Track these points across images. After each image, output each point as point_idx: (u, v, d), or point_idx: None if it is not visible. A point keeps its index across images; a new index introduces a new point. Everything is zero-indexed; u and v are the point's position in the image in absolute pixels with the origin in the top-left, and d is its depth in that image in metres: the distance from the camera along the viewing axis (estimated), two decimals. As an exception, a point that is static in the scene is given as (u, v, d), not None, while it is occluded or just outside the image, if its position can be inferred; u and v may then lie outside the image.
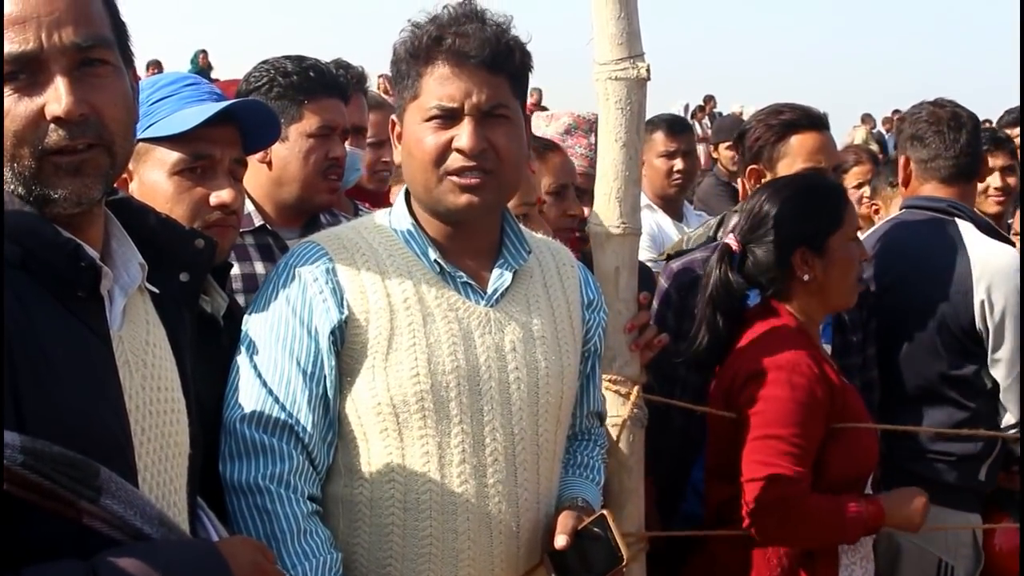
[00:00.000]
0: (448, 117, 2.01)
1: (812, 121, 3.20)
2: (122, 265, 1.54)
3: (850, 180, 5.09)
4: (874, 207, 4.08)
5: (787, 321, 2.74)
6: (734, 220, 3.14)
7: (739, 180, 3.57)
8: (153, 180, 2.09)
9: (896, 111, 21.64)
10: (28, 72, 1.40)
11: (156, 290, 1.60)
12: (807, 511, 2.56)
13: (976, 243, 3.28)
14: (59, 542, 1.35)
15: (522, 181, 2.22)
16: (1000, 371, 3.24)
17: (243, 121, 2.12)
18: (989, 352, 3.24)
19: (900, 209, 3.56)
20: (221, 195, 2.08)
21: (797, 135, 3.18)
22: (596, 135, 3.90)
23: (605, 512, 2.08)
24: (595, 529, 2.05)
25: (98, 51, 1.44)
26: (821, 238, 2.72)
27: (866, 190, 4.71)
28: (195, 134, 2.07)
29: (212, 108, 2.08)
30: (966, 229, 3.31)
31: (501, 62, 2.00)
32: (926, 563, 3.20)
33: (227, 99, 2.19)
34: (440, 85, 2.01)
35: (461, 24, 2.02)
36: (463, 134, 2.00)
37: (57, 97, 1.39)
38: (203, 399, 1.71)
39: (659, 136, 4.97)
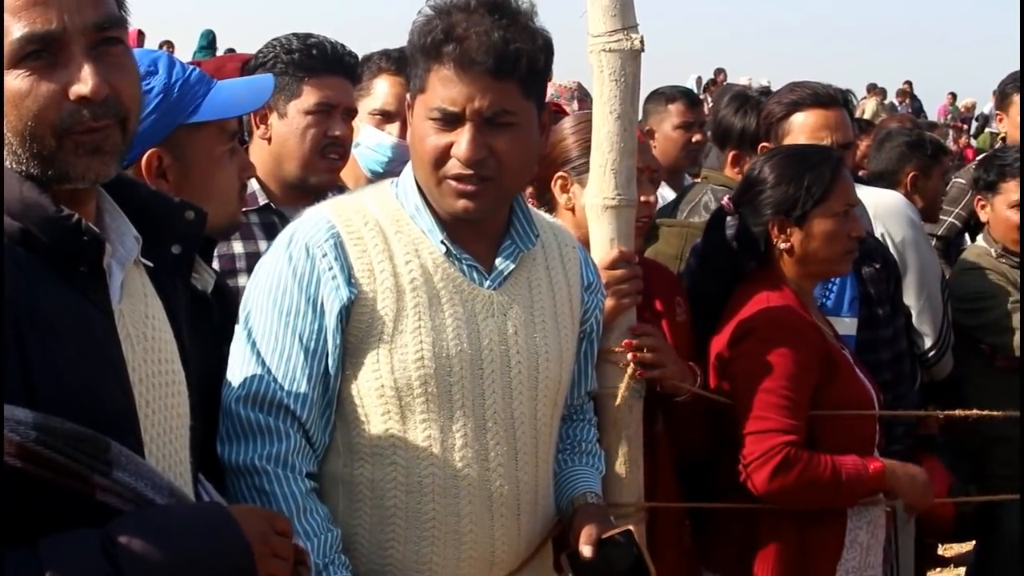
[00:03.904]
0: (450, 120, 1.98)
1: (818, 99, 3.28)
2: (117, 239, 1.56)
3: None
4: (980, 203, 4.06)
5: (774, 285, 2.77)
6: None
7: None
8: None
9: (907, 82, 21.51)
10: (48, 52, 1.41)
11: (150, 263, 1.62)
12: (802, 465, 2.58)
13: (863, 192, 3.49)
14: (73, 519, 1.37)
15: (530, 177, 2.18)
16: (911, 296, 3.52)
17: None
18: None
19: None
20: None
21: (801, 112, 3.28)
22: (578, 103, 3.90)
23: (631, 528, 2.10)
24: (618, 537, 2.07)
25: (114, 30, 1.47)
26: (801, 209, 2.74)
27: None
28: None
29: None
30: (863, 191, 3.55)
31: (507, 69, 1.95)
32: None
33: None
34: (444, 87, 1.97)
35: (472, 21, 1.95)
36: (462, 141, 1.98)
37: (83, 77, 1.41)
38: (198, 377, 1.72)
39: (678, 107, 4.95)
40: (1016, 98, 4.77)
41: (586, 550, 2.05)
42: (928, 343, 3.60)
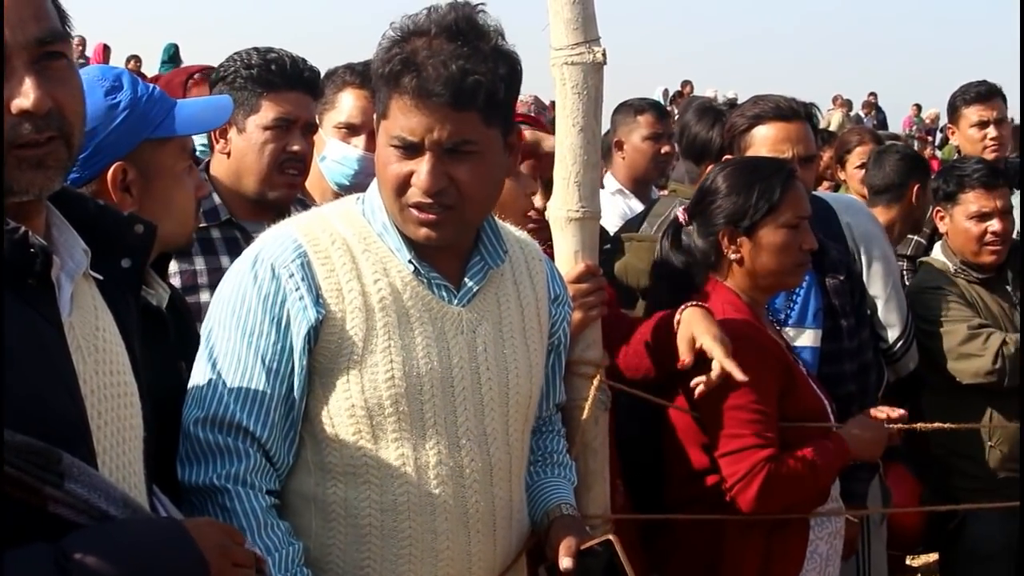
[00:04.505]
0: (410, 149, 1.96)
1: (780, 112, 3.30)
2: (66, 252, 1.55)
3: (853, 160, 5.21)
4: (939, 214, 4.07)
5: (727, 297, 2.78)
6: None
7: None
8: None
9: (872, 93, 21.72)
10: None
11: (100, 276, 1.61)
12: (783, 474, 2.59)
13: (827, 196, 3.92)
14: (26, 532, 1.35)
15: (495, 203, 2.14)
16: (877, 285, 3.58)
17: None
18: (864, 268, 3.52)
19: None
20: None
21: (763, 125, 3.29)
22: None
23: (612, 538, 2.09)
24: (596, 547, 2.06)
25: (57, 45, 1.46)
26: (751, 221, 2.75)
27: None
28: None
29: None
30: (823, 194, 3.86)
31: (466, 100, 1.92)
32: None
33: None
34: (403, 116, 1.95)
35: (432, 49, 1.92)
36: (422, 171, 1.95)
37: (25, 91, 1.40)
38: (154, 391, 1.71)
39: (647, 119, 4.99)
40: (966, 111, 4.86)
41: (565, 561, 2.04)
42: (895, 334, 3.63)
